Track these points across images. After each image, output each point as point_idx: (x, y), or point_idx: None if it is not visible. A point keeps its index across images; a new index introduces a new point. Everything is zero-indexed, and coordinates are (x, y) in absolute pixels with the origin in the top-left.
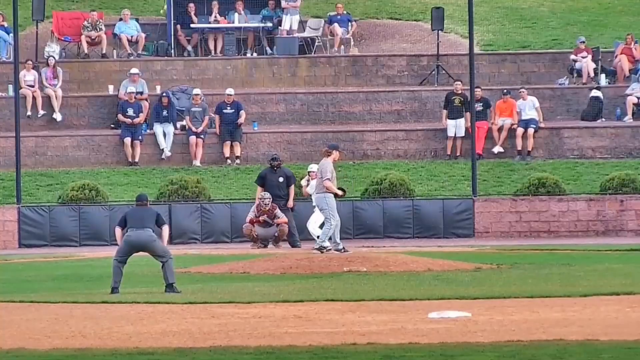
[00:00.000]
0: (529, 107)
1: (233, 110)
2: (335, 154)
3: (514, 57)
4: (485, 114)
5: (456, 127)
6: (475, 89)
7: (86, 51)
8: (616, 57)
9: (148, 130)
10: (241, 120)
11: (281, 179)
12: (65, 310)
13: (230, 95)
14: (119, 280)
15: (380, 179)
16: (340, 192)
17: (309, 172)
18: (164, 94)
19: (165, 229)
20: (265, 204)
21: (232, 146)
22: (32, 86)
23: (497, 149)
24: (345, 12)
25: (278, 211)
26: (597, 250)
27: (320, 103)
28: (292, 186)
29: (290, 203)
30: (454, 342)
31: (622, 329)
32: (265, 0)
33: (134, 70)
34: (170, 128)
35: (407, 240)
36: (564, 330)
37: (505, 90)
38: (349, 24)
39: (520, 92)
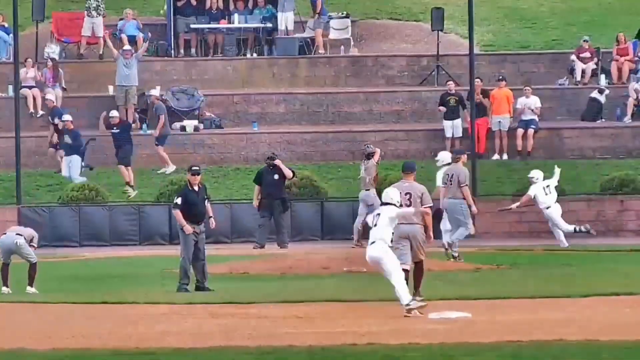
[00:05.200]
0: (531, 106)
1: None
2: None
3: (514, 57)
4: (484, 109)
5: (453, 127)
6: (476, 79)
7: (82, 51)
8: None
9: (148, 131)
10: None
11: (276, 177)
12: (65, 310)
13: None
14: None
15: (380, 179)
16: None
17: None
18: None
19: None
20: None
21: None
22: (33, 86)
23: (496, 156)
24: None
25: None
26: (597, 250)
27: (320, 103)
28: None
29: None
30: (454, 342)
31: (622, 329)
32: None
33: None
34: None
35: None
36: (564, 330)
37: (500, 77)
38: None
39: (525, 89)
